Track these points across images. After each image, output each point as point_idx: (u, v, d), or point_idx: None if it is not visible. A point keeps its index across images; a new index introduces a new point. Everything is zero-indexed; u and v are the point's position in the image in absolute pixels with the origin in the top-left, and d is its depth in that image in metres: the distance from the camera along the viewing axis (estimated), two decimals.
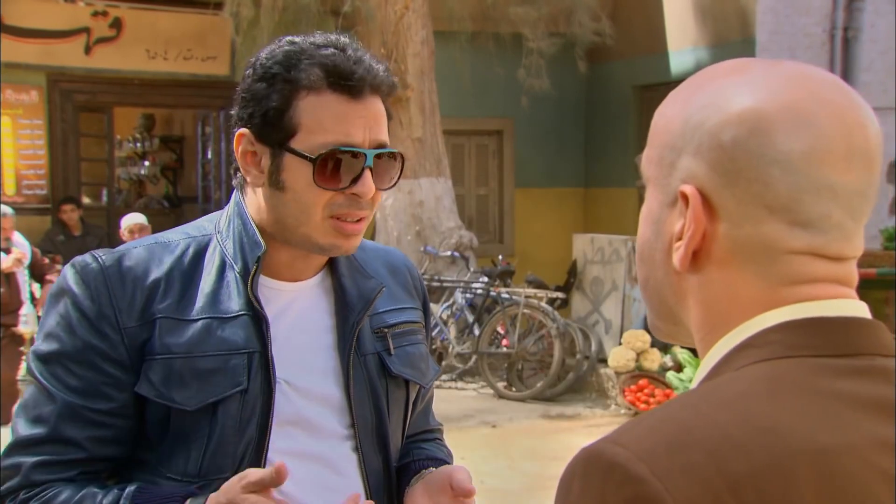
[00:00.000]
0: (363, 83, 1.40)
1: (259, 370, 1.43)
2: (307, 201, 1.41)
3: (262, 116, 1.41)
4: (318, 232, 1.43)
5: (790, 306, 0.83)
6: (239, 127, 1.45)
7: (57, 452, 1.39)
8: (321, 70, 1.39)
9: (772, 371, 0.81)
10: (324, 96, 1.39)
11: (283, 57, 1.41)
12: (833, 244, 0.84)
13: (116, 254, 1.46)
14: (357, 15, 8.91)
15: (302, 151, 1.39)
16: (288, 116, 1.40)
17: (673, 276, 0.89)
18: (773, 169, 0.82)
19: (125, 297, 1.42)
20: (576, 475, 0.78)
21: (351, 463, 1.51)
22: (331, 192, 1.41)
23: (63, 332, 1.41)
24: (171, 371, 1.40)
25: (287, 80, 1.40)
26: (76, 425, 1.40)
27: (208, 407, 1.41)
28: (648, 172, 0.91)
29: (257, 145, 1.43)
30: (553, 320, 8.09)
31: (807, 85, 0.84)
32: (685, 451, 0.75)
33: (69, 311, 1.41)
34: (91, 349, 1.40)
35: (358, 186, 1.41)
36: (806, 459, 0.75)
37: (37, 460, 1.39)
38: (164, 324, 1.42)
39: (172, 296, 1.44)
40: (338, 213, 1.42)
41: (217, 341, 1.42)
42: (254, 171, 1.45)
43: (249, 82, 1.43)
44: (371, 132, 1.42)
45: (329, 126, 1.39)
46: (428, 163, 9.15)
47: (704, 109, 0.85)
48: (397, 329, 1.59)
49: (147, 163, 15.86)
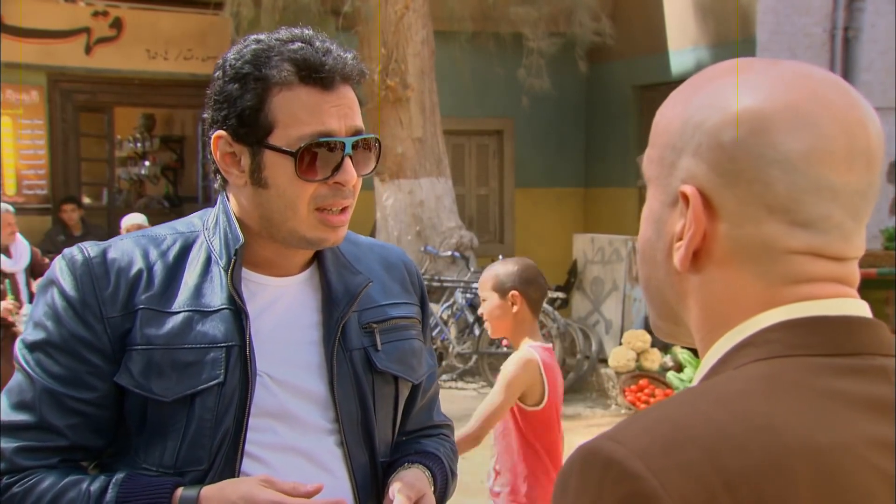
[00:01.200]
0: (334, 73, 1.42)
1: (237, 364, 1.44)
2: (291, 196, 1.43)
3: (238, 117, 1.42)
4: (305, 225, 1.45)
5: (790, 305, 0.83)
6: (214, 130, 1.46)
7: (39, 439, 1.41)
8: (291, 65, 1.41)
9: (770, 370, 0.81)
10: (296, 90, 1.41)
11: (252, 56, 1.43)
12: (833, 244, 0.84)
13: (102, 245, 1.48)
14: (357, 15, 8.91)
15: (281, 146, 1.41)
16: (263, 114, 1.41)
17: (674, 275, 0.89)
18: (774, 169, 0.82)
19: (108, 288, 1.43)
20: (573, 472, 0.78)
21: (336, 458, 1.52)
22: (314, 184, 1.42)
23: (49, 321, 1.43)
24: (151, 362, 1.42)
25: (258, 79, 1.41)
26: (59, 413, 1.41)
27: (185, 399, 1.42)
28: (650, 172, 0.91)
29: (235, 146, 1.44)
30: (553, 320, 8.09)
31: (807, 85, 0.84)
32: (682, 448, 0.75)
33: (55, 301, 1.44)
34: (75, 338, 1.42)
35: (340, 175, 1.43)
36: (803, 458, 0.75)
37: (19, 445, 1.41)
38: (145, 315, 1.43)
39: (155, 288, 1.45)
40: (322, 205, 1.44)
41: (197, 334, 1.44)
42: (235, 172, 1.46)
43: (220, 84, 1.45)
44: (346, 120, 1.44)
45: (305, 119, 1.41)
46: (428, 163, 9.15)
47: (704, 109, 0.85)
48: (388, 324, 1.59)
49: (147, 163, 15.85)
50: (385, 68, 8.83)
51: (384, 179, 9.11)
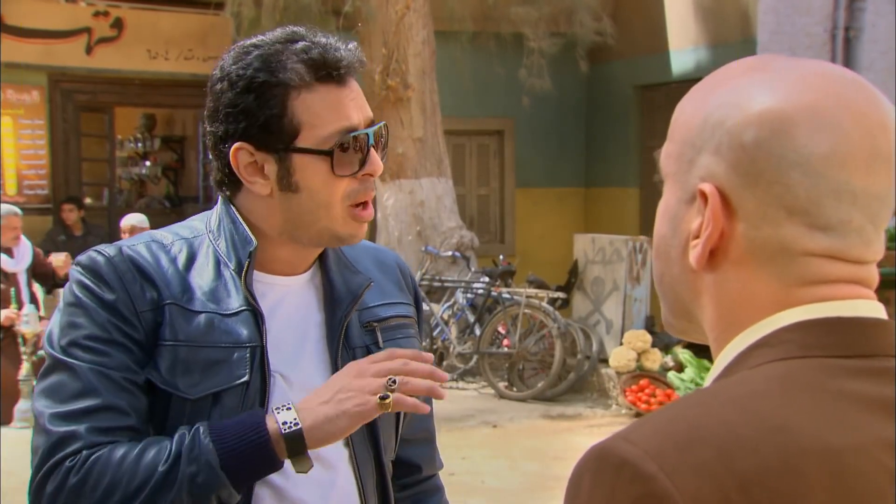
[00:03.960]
0: (347, 68, 1.43)
1: (259, 364, 1.44)
2: (326, 195, 1.43)
3: (261, 126, 1.41)
4: (339, 223, 1.45)
5: (805, 306, 0.83)
6: (231, 142, 1.44)
7: (109, 419, 1.36)
8: (304, 66, 1.41)
9: (785, 370, 0.80)
10: (315, 90, 1.41)
11: (262, 63, 1.41)
12: (853, 249, 0.83)
13: (117, 246, 1.47)
14: (358, 15, 8.91)
15: (313, 147, 1.41)
16: (287, 119, 1.40)
17: (689, 273, 0.88)
18: (794, 171, 0.81)
19: (135, 284, 1.42)
20: (586, 472, 0.78)
21: (342, 457, 1.52)
22: (346, 180, 1.43)
23: (83, 318, 1.40)
24: (177, 358, 1.41)
25: (276, 85, 1.40)
26: (118, 393, 1.37)
27: (209, 397, 1.41)
28: (667, 168, 0.90)
29: (258, 155, 1.43)
30: (554, 320, 8.09)
31: (829, 86, 0.83)
32: (695, 449, 0.75)
33: (86, 301, 1.41)
34: (113, 327, 1.39)
35: (368, 166, 1.44)
36: (816, 459, 0.75)
37: (92, 426, 1.35)
38: (172, 310, 1.43)
39: (175, 287, 1.45)
40: (355, 200, 1.45)
41: (221, 334, 1.43)
42: (259, 181, 1.45)
43: (231, 96, 1.42)
44: (363, 111, 1.45)
45: (329, 117, 1.41)
46: (429, 163, 9.15)
47: (725, 107, 0.84)
48: (387, 323, 1.60)
49: (148, 163, 15.85)
50: (386, 68, 8.83)
51: (385, 179, 9.11)
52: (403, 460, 1.69)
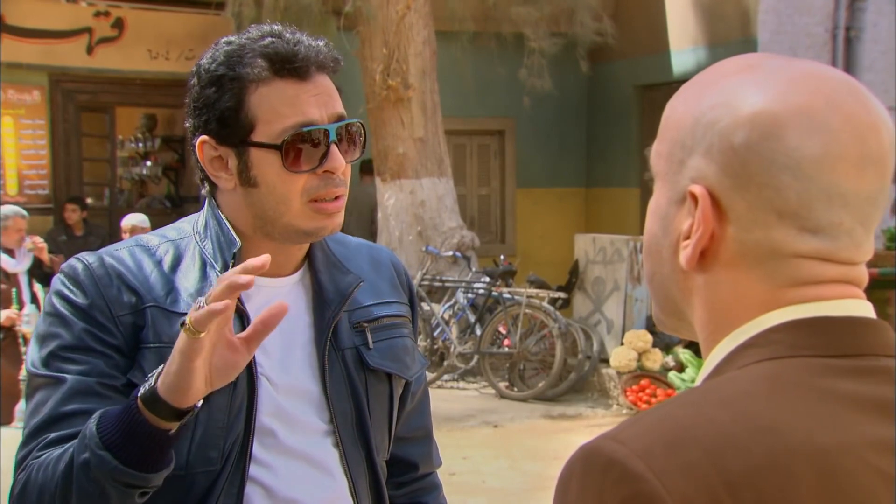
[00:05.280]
0: (307, 63, 1.42)
1: (245, 367, 1.43)
2: (283, 190, 1.42)
3: (218, 120, 1.42)
4: (300, 218, 1.44)
5: (794, 306, 0.83)
6: (197, 136, 1.45)
7: (80, 425, 1.35)
8: (264, 60, 1.41)
9: (773, 370, 0.80)
10: (273, 85, 1.41)
11: (225, 57, 1.43)
12: (843, 251, 0.83)
13: (99, 254, 1.48)
14: (359, 15, 8.90)
15: (265, 142, 1.41)
16: (243, 113, 1.41)
17: (679, 273, 0.88)
18: (785, 175, 0.81)
19: (113, 289, 1.43)
20: (574, 472, 0.78)
21: (333, 458, 1.52)
22: (304, 176, 1.42)
23: (60, 328, 1.42)
24: (161, 361, 1.39)
25: (234, 79, 1.41)
26: (96, 400, 1.38)
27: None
28: (658, 167, 0.90)
29: (220, 149, 1.44)
30: (555, 320, 8.08)
31: (820, 88, 0.83)
32: (683, 449, 0.75)
33: (62, 310, 1.42)
34: (89, 335, 1.40)
35: (328, 163, 1.42)
36: (804, 459, 0.75)
37: (59, 434, 1.36)
38: (154, 313, 1.43)
39: (158, 290, 1.45)
40: (315, 196, 1.43)
41: None
42: (224, 175, 1.46)
43: (198, 90, 1.44)
44: (327, 108, 1.43)
45: (284, 111, 1.40)
46: (429, 163, 9.14)
47: (715, 108, 0.84)
48: (378, 323, 1.59)
49: (149, 163, 15.83)
50: (386, 68, 8.83)
51: (385, 179, 9.11)
52: (400, 458, 1.69)
